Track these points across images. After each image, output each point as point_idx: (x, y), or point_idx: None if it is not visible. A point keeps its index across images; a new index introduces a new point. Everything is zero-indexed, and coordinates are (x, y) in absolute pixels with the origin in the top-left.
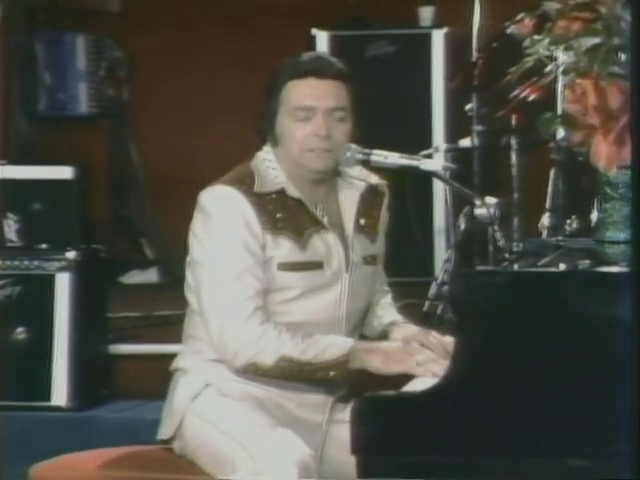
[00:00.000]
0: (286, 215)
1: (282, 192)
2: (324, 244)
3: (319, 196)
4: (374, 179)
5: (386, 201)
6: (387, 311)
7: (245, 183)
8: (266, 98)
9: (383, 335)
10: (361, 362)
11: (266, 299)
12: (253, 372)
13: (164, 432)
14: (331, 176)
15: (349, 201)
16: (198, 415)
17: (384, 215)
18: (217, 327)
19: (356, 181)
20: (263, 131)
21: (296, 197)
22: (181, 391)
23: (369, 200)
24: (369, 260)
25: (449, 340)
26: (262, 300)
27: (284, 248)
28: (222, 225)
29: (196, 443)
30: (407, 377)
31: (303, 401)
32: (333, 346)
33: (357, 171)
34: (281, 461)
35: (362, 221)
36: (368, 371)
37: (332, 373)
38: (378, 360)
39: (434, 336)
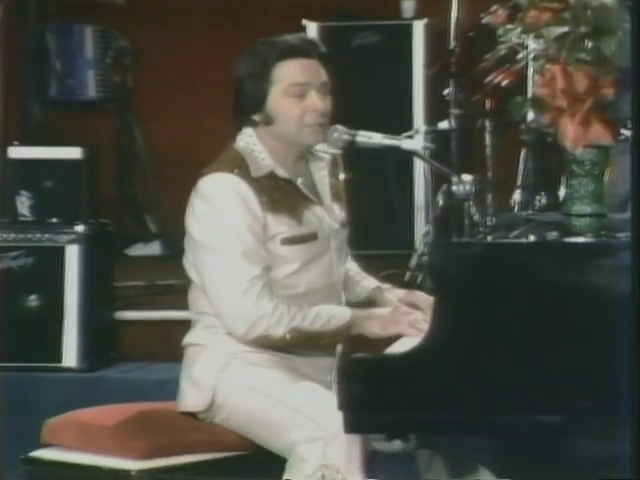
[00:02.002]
0: (281, 195)
1: (272, 174)
2: (315, 216)
3: (299, 171)
4: (333, 150)
5: (342, 169)
6: (362, 275)
7: (242, 168)
8: (252, 80)
9: (370, 299)
10: (361, 328)
11: (274, 274)
12: (263, 344)
13: (193, 405)
14: (306, 152)
15: (321, 173)
16: (240, 386)
17: (341, 181)
18: (227, 305)
19: (322, 154)
20: (248, 111)
21: (285, 177)
22: (207, 365)
23: (333, 170)
24: (344, 224)
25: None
26: (267, 277)
27: (285, 225)
28: (227, 211)
29: (240, 413)
30: (389, 341)
31: (315, 364)
32: (336, 316)
33: (321, 145)
34: (338, 422)
35: (333, 190)
36: (355, 338)
37: (337, 339)
38: (376, 325)
39: (423, 296)
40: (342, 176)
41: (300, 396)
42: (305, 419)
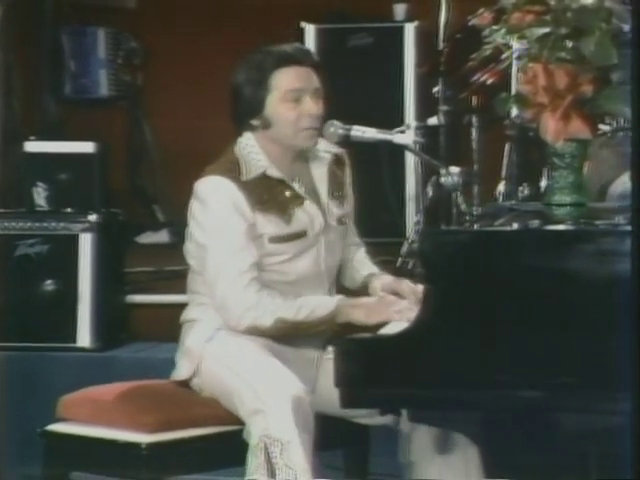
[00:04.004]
0: (271, 195)
1: (264, 175)
2: (306, 214)
3: (296, 171)
4: (336, 149)
5: (348, 166)
6: (364, 264)
7: (234, 171)
8: (251, 86)
9: (364, 286)
10: (346, 317)
11: (263, 262)
12: (255, 333)
13: (182, 373)
14: (304, 150)
15: (320, 172)
16: (214, 356)
17: (348, 178)
18: (220, 298)
19: (323, 153)
20: (246, 116)
21: (277, 177)
22: (195, 336)
23: (335, 168)
24: (342, 221)
25: (419, 287)
26: (257, 271)
27: (272, 224)
28: (217, 211)
29: (212, 382)
30: (383, 323)
31: (301, 340)
32: (321, 306)
33: (322, 144)
34: (277, 396)
35: (333, 188)
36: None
37: (322, 328)
38: (361, 314)
39: (407, 284)
40: (348, 174)
41: (251, 370)
42: (252, 392)
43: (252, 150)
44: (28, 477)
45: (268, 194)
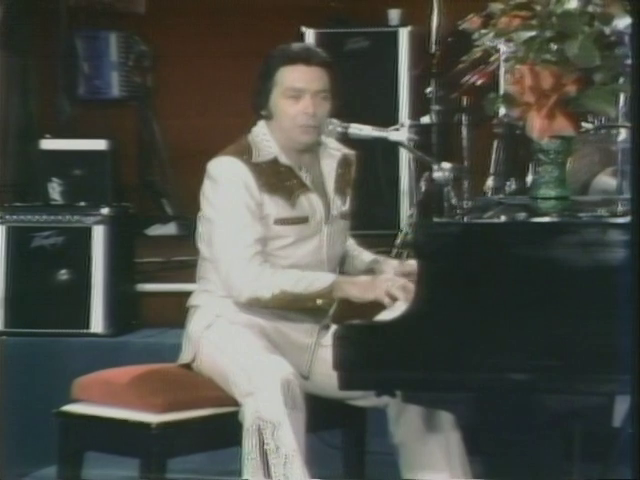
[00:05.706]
0: (278, 180)
1: (275, 160)
2: (309, 202)
3: (304, 162)
4: (346, 150)
5: (354, 168)
6: (361, 251)
7: (245, 154)
8: (261, 80)
9: (368, 271)
10: (342, 292)
11: (268, 246)
12: (256, 305)
13: (184, 357)
14: (314, 146)
15: (329, 168)
16: (211, 342)
17: (353, 179)
18: (225, 270)
19: (334, 151)
20: (257, 106)
21: (286, 164)
22: (196, 322)
23: (343, 167)
24: (344, 215)
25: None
26: (260, 246)
27: (278, 206)
28: (227, 188)
29: (209, 366)
30: (379, 310)
31: (296, 327)
32: (319, 280)
33: (334, 143)
34: (267, 379)
35: (339, 184)
36: (346, 307)
37: (319, 302)
38: (356, 289)
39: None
40: (353, 175)
41: (244, 355)
42: (244, 375)
43: (264, 138)
44: (43, 455)
45: (276, 178)
